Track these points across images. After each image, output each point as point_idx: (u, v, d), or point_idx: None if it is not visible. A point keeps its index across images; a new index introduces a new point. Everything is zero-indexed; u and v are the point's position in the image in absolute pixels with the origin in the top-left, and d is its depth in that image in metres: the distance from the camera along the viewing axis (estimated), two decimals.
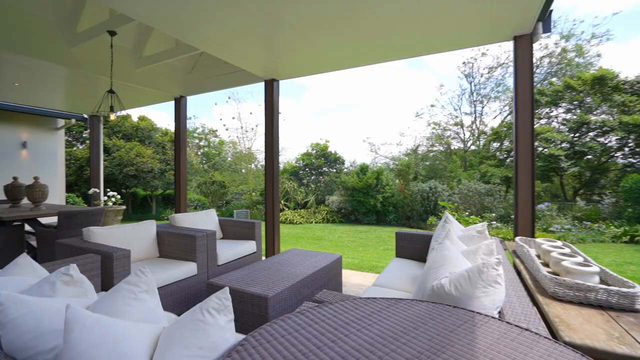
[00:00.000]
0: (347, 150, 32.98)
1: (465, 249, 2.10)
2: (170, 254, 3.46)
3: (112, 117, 3.87)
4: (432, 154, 18.59)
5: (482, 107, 18.14)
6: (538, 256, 2.31)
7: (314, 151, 17.36)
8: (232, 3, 2.87)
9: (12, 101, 6.98)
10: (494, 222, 10.55)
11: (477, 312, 1.22)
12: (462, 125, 18.47)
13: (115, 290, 1.21)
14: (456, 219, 4.57)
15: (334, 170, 17.25)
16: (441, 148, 18.63)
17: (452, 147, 18.47)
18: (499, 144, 16.60)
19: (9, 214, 3.98)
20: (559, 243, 2.28)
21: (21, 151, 7.91)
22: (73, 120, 8.40)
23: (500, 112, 17.63)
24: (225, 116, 33.40)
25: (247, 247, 4.16)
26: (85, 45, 4.17)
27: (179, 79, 5.73)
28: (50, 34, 4.07)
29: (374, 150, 19.19)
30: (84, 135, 17.34)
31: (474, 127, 18.34)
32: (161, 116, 31.56)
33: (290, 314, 1.25)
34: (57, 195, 8.42)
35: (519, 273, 2.21)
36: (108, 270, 2.54)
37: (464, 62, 18.22)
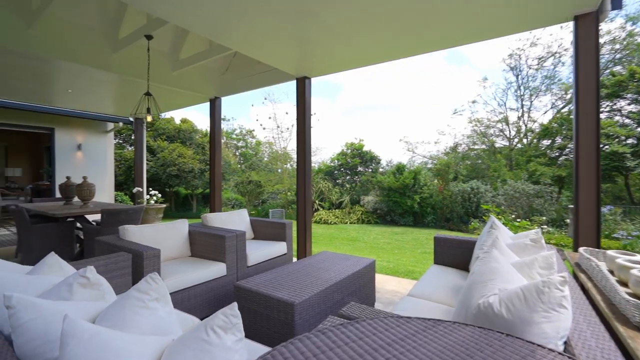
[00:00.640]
0: (383, 150, 32.36)
1: (517, 261, 1.81)
2: (201, 253, 3.47)
3: (149, 118, 3.99)
4: (473, 152, 17.54)
5: (531, 102, 16.77)
6: (611, 272, 1.95)
7: (349, 151, 17.13)
8: (263, 1, 2.79)
9: (67, 107, 7.57)
10: (545, 227, 9.65)
11: (539, 345, 0.98)
12: (507, 122, 17.22)
13: (124, 298, 1.13)
14: (502, 223, 4.15)
15: (370, 170, 16.89)
16: (484, 146, 17.51)
17: (496, 145, 17.28)
18: (549, 140, 15.23)
19: (61, 211, 4.26)
20: (638, 257, 1.90)
21: (77, 152, 8.58)
22: (120, 124, 8.96)
23: (551, 107, 16.17)
24: (262, 117, 34.15)
25: (278, 248, 4.09)
26: (125, 50, 4.35)
27: (214, 80, 5.83)
28: (96, 42, 4.29)
29: (411, 150, 18.53)
30: (132, 138, 18.56)
31: (520, 123, 17.02)
32: (201, 118, 33.02)
33: (310, 333, 1.10)
34: (106, 194, 9.03)
35: (585, 291, 1.88)
36: (139, 269, 2.56)
37: (509, 54, 16.97)
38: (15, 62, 4.54)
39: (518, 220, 6.68)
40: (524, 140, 16.67)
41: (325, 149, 27.31)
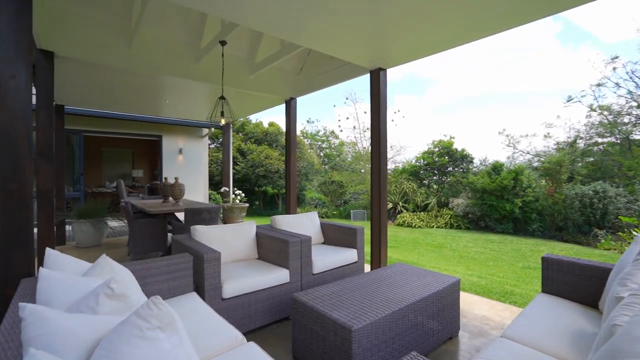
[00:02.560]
0: (477, 147, 29.10)
1: None
2: (267, 257, 3.39)
3: (223, 121, 4.12)
4: (598, 147, 14.25)
5: None
6: None
7: (437, 149, 15.78)
8: None
9: (170, 116, 8.64)
10: None
11: None
12: None
13: (123, 323, 0.97)
14: None
15: (460, 170, 15.27)
16: (613, 139, 14.07)
17: (632, 137, 13.68)
18: None
19: (154, 208, 4.75)
20: None
21: (178, 156, 9.77)
22: (213, 129, 9.87)
23: None
24: (343, 117, 34.36)
25: (347, 255, 3.77)
26: (206, 58, 4.60)
27: (288, 81, 5.84)
28: (182, 54, 4.65)
29: (512, 145, 16.06)
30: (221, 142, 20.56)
31: None
32: (283, 120, 34.82)
33: None
34: (201, 193, 10.06)
35: None
36: (199, 271, 2.56)
37: None
38: (126, 80, 5.26)
39: None
40: None
41: (410, 148, 25.90)
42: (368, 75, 4.49)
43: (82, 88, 5.73)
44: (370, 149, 4.48)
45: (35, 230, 2.51)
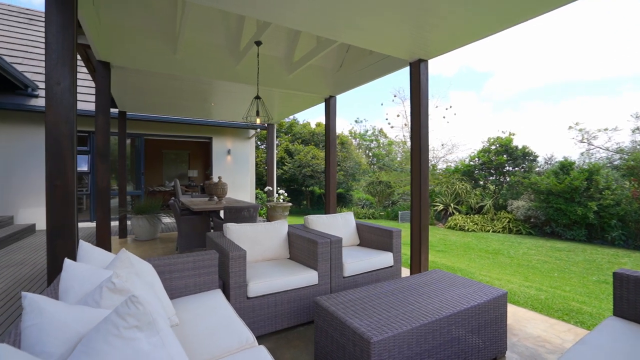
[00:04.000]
0: (541, 144, 26.26)
1: None
2: (297, 257, 3.33)
3: (258, 120, 4.17)
4: None
5: None
6: None
7: (493, 147, 14.52)
8: None
9: (215, 118, 9.09)
10: None
11: None
12: None
13: (104, 320, 0.95)
14: None
15: (521, 169, 13.87)
16: None
17: None
18: None
19: (197, 205, 4.99)
20: None
21: (227, 156, 10.25)
22: (259, 130, 10.18)
23: None
24: (392, 116, 33.36)
25: (382, 259, 3.57)
26: (245, 60, 4.71)
27: (327, 79, 5.76)
28: (223, 57, 4.81)
29: (586, 140, 14.12)
30: (275, 143, 21.16)
31: None
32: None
33: None
34: (248, 192, 10.44)
35: None
36: (225, 269, 2.57)
37: None
38: (174, 85, 5.62)
39: None
40: None
41: (463, 146, 24.27)
42: (406, 68, 4.23)
43: (138, 95, 6.25)
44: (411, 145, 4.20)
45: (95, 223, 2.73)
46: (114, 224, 7.70)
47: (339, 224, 4.01)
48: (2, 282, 3.82)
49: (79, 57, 5.51)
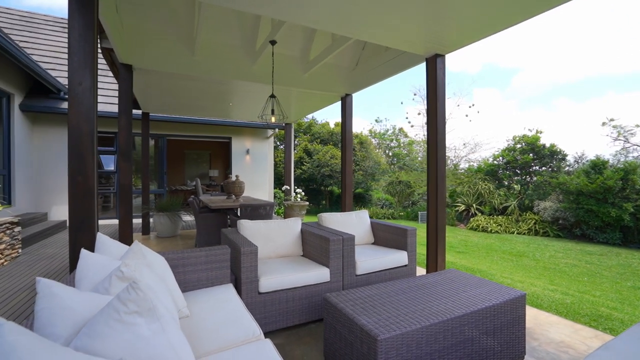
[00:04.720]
0: (570, 142, 24.94)
1: None
2: (310, 254, 3.34)
3: (273, 119, 4.21)
4: None
5: None
6: None
7: (519, 145, 13.97)
8: None
9: (234, 119, 9.26)
10: None
11: None
12: None
13: (107, 305, 0.99)
14: None
15: (549, 169, 13.27)
16: None
17: None
18: None
19: (214, 203, 5.09)
20: None
21: (246, 156, 10.42)
22: (277, 130, 10.27)
23: None
24: (412, 114, 32.75)
25: (396, 258, 3.51)
26: (261, 59, 4.77)
27: (343, 77, 5.74)
28: (239, 57, 4.89)
29: (623, 137, 13.28)
30: (294, 143, 21.29)
31: None
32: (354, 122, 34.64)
33: None
34: (266, 191, 10.56)
35: None
36: (237, 264, 2.61)
37: None
38: (193, 86, 5.77)
39: None
40: None
41: (487, 145, 23.49)
42: (422, 64, 4.14)
43: (159, 96, 6.47)
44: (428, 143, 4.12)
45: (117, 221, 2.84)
46: (138, 221, 8.01)
47: (353, 222, 3.99)
48: (33, 275, 4.06)
49: (104, 60, 5.77)
